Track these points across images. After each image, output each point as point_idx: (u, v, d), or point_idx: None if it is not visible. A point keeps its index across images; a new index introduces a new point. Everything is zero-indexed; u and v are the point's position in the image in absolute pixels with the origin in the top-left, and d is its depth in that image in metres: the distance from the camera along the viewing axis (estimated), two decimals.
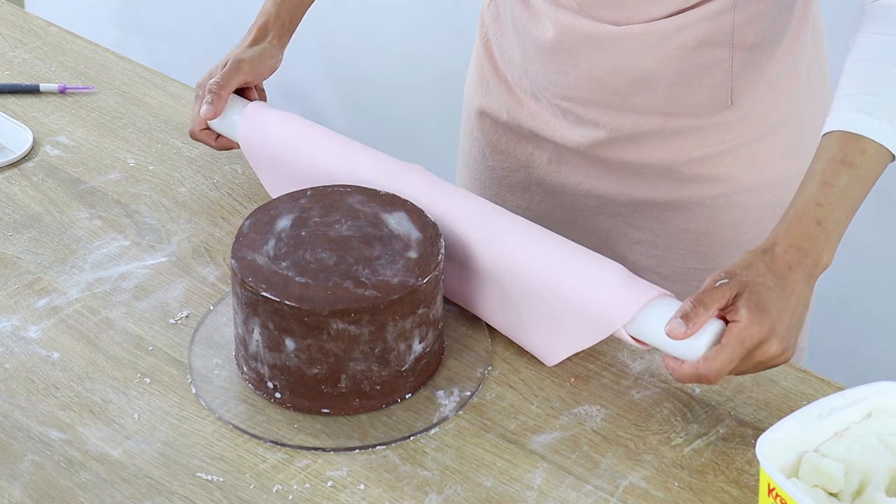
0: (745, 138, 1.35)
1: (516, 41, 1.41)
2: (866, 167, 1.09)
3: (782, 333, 1.04)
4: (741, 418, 1.12)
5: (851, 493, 0.97)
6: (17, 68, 1.61)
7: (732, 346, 1.03)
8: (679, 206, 1.38)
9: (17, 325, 1.21)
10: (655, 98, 1.32)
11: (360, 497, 1.05)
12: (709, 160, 1.36)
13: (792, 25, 1.32)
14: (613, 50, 1.30)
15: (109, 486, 1.06)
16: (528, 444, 1.10)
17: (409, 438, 1.10)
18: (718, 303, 1.05)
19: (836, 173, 1.08)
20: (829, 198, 1.08)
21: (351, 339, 1.09)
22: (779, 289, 1.05)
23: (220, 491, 1.05)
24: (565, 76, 1.35)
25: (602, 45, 1.31)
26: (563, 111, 1.38)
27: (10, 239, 1.32)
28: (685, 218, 1.39)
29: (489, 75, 1.47)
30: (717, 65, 1.30)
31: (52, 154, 1.45)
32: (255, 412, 1.13)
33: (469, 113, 1.53)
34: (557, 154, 1.42)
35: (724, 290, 1.05)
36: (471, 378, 1.16)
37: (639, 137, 1.35)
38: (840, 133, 1.09)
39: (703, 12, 1.27)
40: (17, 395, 1.14)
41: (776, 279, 1.05)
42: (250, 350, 1.13)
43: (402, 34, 2.63)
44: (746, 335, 1.03)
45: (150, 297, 1.25)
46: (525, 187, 1.47)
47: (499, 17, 1.45)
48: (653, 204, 1.39)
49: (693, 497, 1.05)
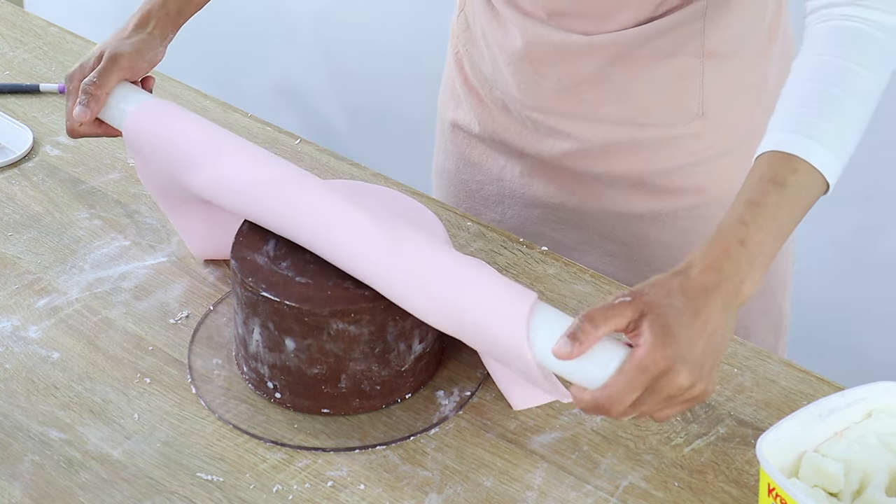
0: (717, 149, 1.34)
1: (486, 52, 1.39)
2: (796, 188, 1.00)
3: (692, 363, 0.94)
4: (741, 418, 1.12)
5: (851, 493, 0.98)
6: (17, 68, 1.61)
7: (632, 372, 0.94)
8: (652, 218, 1.37)
9: (17, 325, 1.21)
10: (626, 108, 1.31)
11: (360, 497, 1.05)
12: (680, 171, 1.34)
13: (762, 35, 1.32)
14: (582, 60, 1.30)
15: (109, 486, 1.06)
16: (528, 444, 1.10)
17: (409, 438, 1.10)
18: (613, 322, 0.95)
19: (764, 192, 1.00)
20: (754, 217, 0.99)
21: (351, 339, 1.09)
22: (689, 311, 0.95)
23: (220, 491, 1.05)
24: (535, 87, 1.34)
25: (571, 56, 1.30)
26: (533, 123, 1.37)
27: (10, 239, 1.32)
28: (659, 230, 1.37)
29: (460, 88, 1.46)
30: (687, 74, 1.29)
31: (52, 154, 1.45)
32: (255, 412, 1.13)
33: (442, 125, 1.51)
34: (529, 167, 1.41)
35: (621, 309, 0.95)
36: (471, 378, 1.16)
37: (610, 148, 1.34)
38: (771, 153, 1.02)
39: (673, 21, 1.26)
40: (17, 395, 1.14)
41: (687, 300, 0.95)
42: (250, 350, 1.13)
43: (402, 34, 2.63)
44: (648, 361, 0.93)
45: (150, 297, 1.25)
46: (499, 200, 1.45)
47: (468, 28, 1.43)
48: (626, 216, 1.38)
49: (693, 497, 1.05)
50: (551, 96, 1.34)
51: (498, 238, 1.33)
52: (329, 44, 2.78)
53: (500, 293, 1.02)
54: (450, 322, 1.04)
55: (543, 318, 1.00)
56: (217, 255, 1.28)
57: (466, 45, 1.44)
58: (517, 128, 1.40)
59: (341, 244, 1.09)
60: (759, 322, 1.42)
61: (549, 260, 1.30)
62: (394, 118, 2.73)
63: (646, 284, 0.97)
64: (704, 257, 0.98)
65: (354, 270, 1.08)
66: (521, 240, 1.32)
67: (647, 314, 0.95)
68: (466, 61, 1.44)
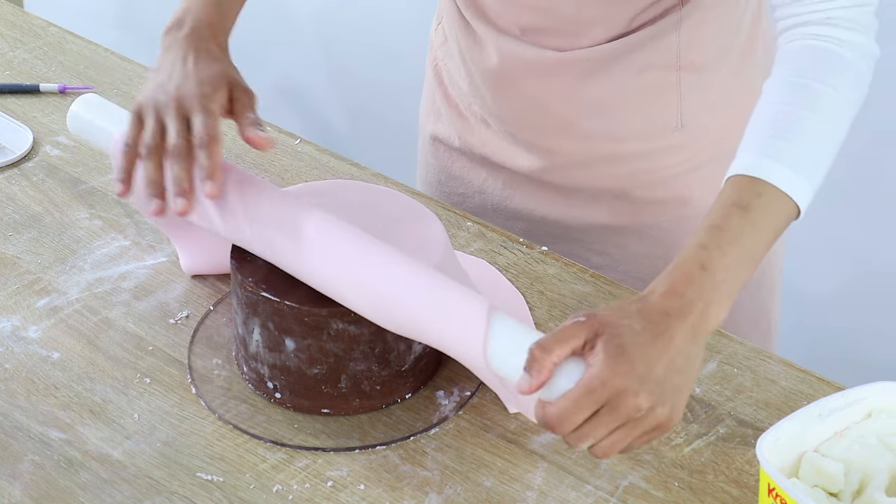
0: (699, 160, 1.33)
1: (463, 68, 1.39)
2: (762, 212, 0.98)
3: (652, 384, 0.91)
4: (741, 418, 1.12)
5: (851, 493, 0.97)
6: (17, 68, 1.61)
7: (581, 389, 0.91)
8: (636, 230, 1.36)
9: (17, 325, 1.21)
10: (604, 123, 1.31)
11: (360, 497, 1.05)
12: (662, 183, 1.34)
13: (740, 44, 1.31)
14: (558, 76, 1.29)
15: (109, 486, 1.06)
16: (528, 444, 1.10)
17: (409, 438, 1.10)
18: (568, 344, 0.93)
19: (728, 216, 0.98)
20: (717, 242, 0.96)
21: (351, 339, 1.09)
22: (648, 333, 0.92)
23: (220, 491, 1.05)
24: (512, 103, 1.34)
25: (546, 72, 1.29)
26: (513, 137, 1.37)
27: (10, 239, 1.32)
28: (642, 241, 1.37)
29: (440, 101, 1.45)
30: (664, 87, 1.29)
31: (52, 154, 1.45)
32: (255, 412, 1.13)
33: (424, 138, 1.51)
34: (510, 180, 1.40)
35: (574, 330, 0.93)
36: (471, 378, 1.16)
37: (590, 162, 1.34)
38: (738, 176, 1.00)
39: (647, 34, 1.25)
40: (17, 395, 1.14)
41: (647, 323, 0.92)
42: (250, 350, 1.13)
43: (402, 34, 2.63)
44: (599, 379, 0.90)
45: (150, 297, 1.25)
46: (481, 213, 1.45)
47: (446, 41, 1.43)
48: (609, 228, 1.37)
49: (693, 497, 1.05)
50: (528, 112, 1.34)
51: (498, 238, 1.33)
52: (329, 44, 2.78)
53: (452, 313, 1.00)
54: (403, 327, 1.04)
55: (500, 330, 1.00)
56: (205, 272, 1.27)
57: (445, 59, 1.43)
58: (497, 142, 1.39)
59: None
60: (744, 324, 1.41)
61: (549, 260, 1.30)
62: (394, 118, 2.72)
63: (604, 308, 0.95)
64: (665, 282, 0.95)
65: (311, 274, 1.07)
66: (521, 240, 1.32)
67: (601, 333, 0.92)
68: (446, 75, 1.44)
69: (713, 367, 1.17)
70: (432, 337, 1.03)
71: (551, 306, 1.24)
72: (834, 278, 2.25)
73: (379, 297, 1.04)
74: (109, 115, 1.22)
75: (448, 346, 1.03)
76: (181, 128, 1.08)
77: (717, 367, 1.17)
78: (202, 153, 1.07)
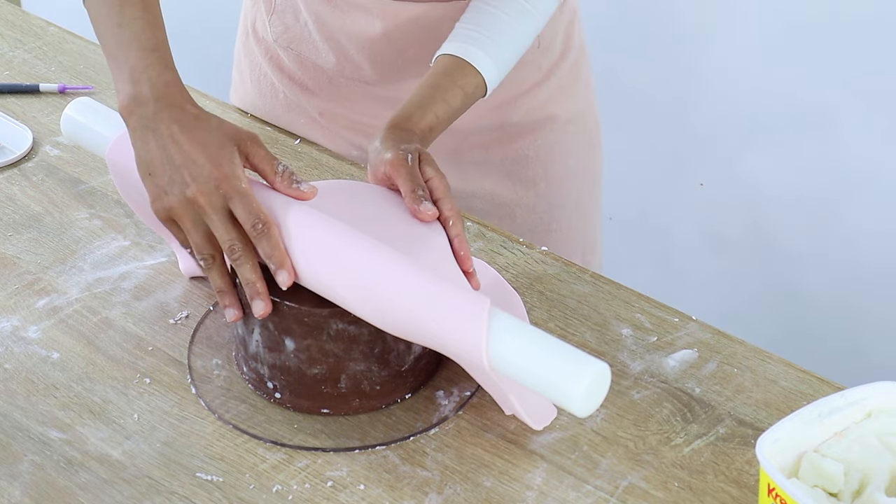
0: (552, 73, 1.45)
1: (323, 46, 1.42)
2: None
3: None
4: (741, 418, 1.12)
5: (851, 493, 0.97)
6: (16, 68, 1.61)
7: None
8: (517, 159, 1.47)
9: (16, 325, 1.21)
10: None
11: (359, 497, 1.05)
12: (529, 98, 1.44)
13: None
14: (441, 27, 1.32)
15: (109, 487, 1.06)
16: (527, 445, 1.10)
17: (408, 438, 1.10)
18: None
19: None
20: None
21: (351, 339, 1.09)
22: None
23: (219, 491, 1.05)
24: (393, 65, 1.40)
25: (432, 25, 1.35)
26: (391, 100, 1.40)
27: (10, 239, 1.32)
28: (525, 168, 1.48)
29: (287, 92, 1.49)
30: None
31: (51, 154, 1.45)
32: (255, 412, 1.13)
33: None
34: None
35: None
36: (471, 378, 1.16)
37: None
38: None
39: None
40: (17, 395, 1.14)
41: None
42: (250, 350, 1.13)
43: None
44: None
45: (150, 297, 1.25)
46: None
47: (287, 30, 1.46)
48: (493, 163, 1.47)
49: (693, 497, 1.05)
50: (411, 70, 1.39)
51: (498, 238, 1.33)
52: None
53: (453, 313, 1.01)
54: (399, 324, 1.05)
55: (501, 328, 1.00)
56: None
57: (292, 45, 1.46)
58: (376, 109, 1.44)
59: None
60: (567, 235, 1.53)
61: (549, 260, 1.30)
62: None
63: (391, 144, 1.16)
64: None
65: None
66: (521, 240, 1.32)
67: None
68: (293, 62, 1.47)
69: (713, 367, 1.17)
70: (433, 338, 1.03)
71: (551, 306, 1.24)
72: (833, 278, 2.25)
73: (379, 300, 1.04)
74: (103, 118, 1.23)
75: (448, 347, 1.03)
76: (227, 224, 1.05)
77: (717, 367, 1.17)
78: (263, 242, 1.04)
